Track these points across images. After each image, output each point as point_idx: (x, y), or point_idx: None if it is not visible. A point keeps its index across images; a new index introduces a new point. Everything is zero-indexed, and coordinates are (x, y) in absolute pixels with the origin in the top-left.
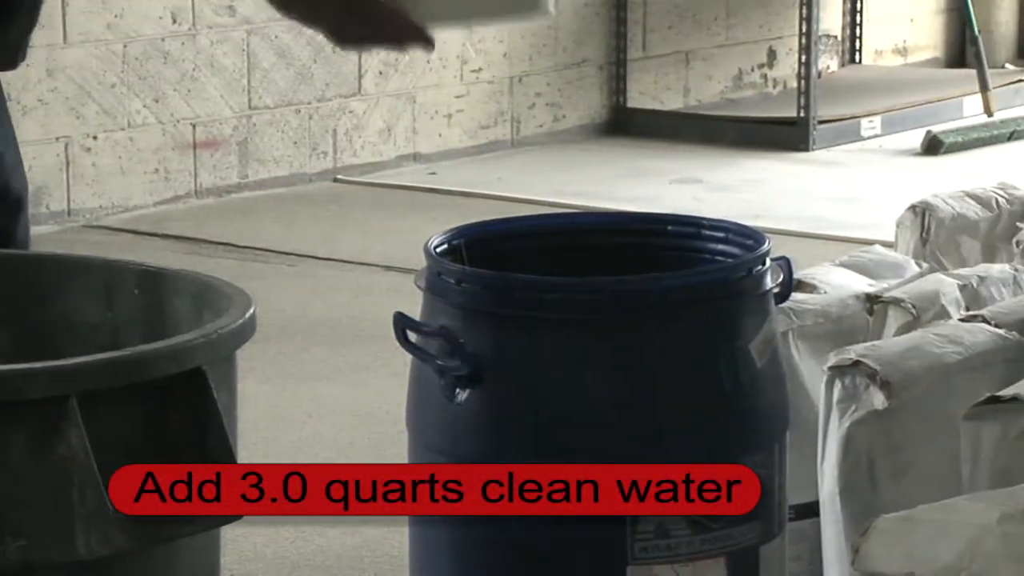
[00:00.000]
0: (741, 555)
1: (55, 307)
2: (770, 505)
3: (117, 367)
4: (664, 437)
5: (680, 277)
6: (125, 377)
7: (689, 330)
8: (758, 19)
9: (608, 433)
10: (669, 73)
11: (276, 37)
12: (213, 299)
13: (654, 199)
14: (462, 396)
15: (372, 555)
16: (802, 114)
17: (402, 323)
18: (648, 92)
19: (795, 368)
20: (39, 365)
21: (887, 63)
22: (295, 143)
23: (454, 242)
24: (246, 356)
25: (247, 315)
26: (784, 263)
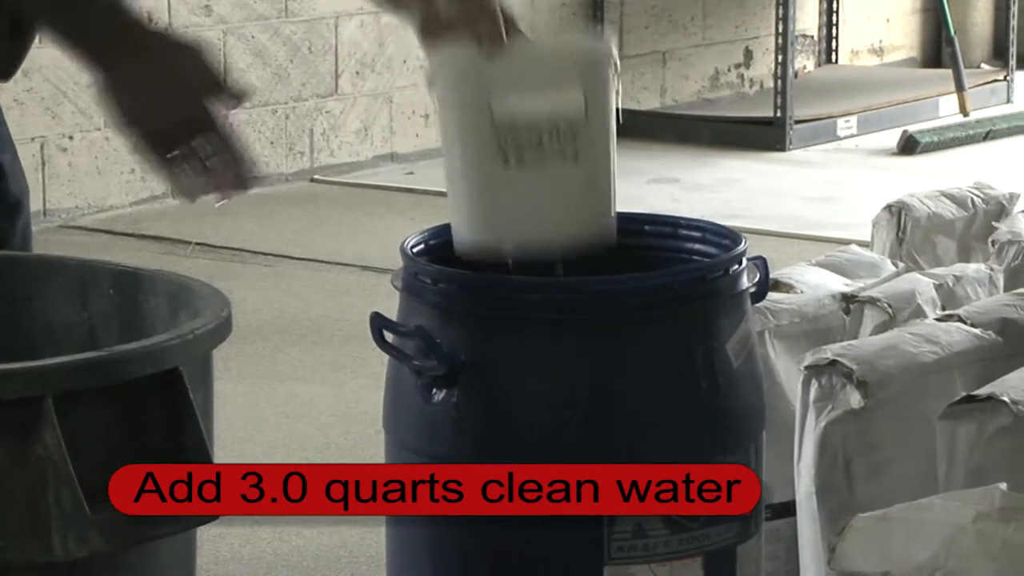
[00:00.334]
0: (718, 555)
1: (31, 307)
2: None
3: (93, 367)
4: (640, 437)
5: (657, 277)
6: (101, 377)
7: (665, 330)
8: (734, 19)
9: (584, 433)
10: (646, 73)
11: (252, 37)
12: (189, 299)
13: (631, 199)
14: (439, 396)
15: (349, 555)
16: (778, 114)
17: (379, 323)
18: (625, 92)
19: (772, 368)
20: (14, 366)
21: (863, 63)
22: (271, 143)
23: (431, 242)
24: (222, 356)
25: (223, 315)
26: (761, 263)
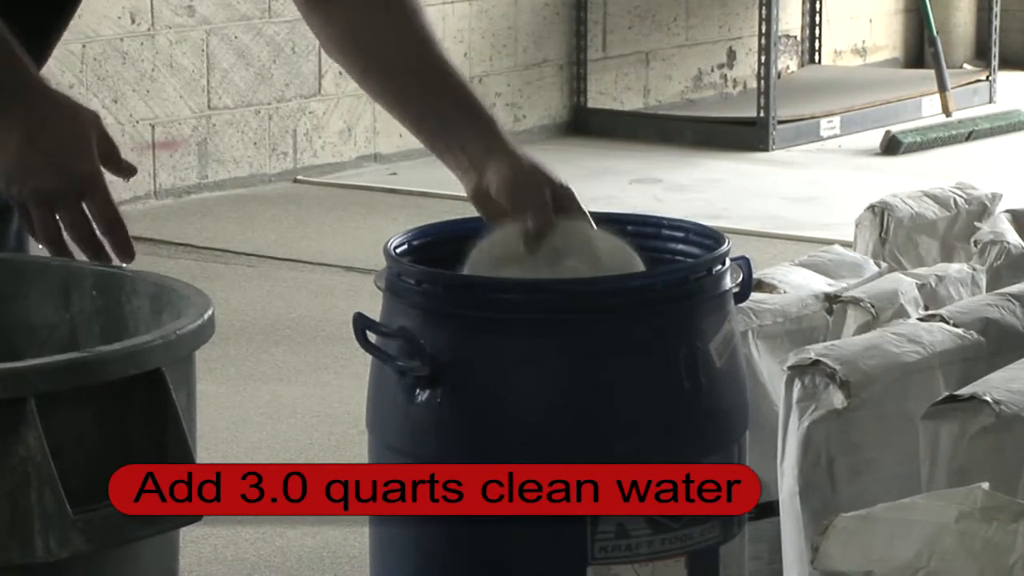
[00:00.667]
0: (701, 555)
1: (13, 308)
2: None
3: (75, 368)
4: (623, 438)
5: (640, 277)
6: (83, 378)
7: (648, 330)
8: (717, 20)
9: (567, 433)
10: (629, 73)
11: (235, 37)
12: (172, 300)
13: (614, 199)
14: (422, 396)
15: (332, 556)
16: (761, 114)
17: (362, 324)
18: (608, 92)
19: (755, 368)
20: None
21: (846, 63)
22: (255, 143)
23: (414, 243)
24: (205, 357)
25: (206, 316)
26: (744, 263)
